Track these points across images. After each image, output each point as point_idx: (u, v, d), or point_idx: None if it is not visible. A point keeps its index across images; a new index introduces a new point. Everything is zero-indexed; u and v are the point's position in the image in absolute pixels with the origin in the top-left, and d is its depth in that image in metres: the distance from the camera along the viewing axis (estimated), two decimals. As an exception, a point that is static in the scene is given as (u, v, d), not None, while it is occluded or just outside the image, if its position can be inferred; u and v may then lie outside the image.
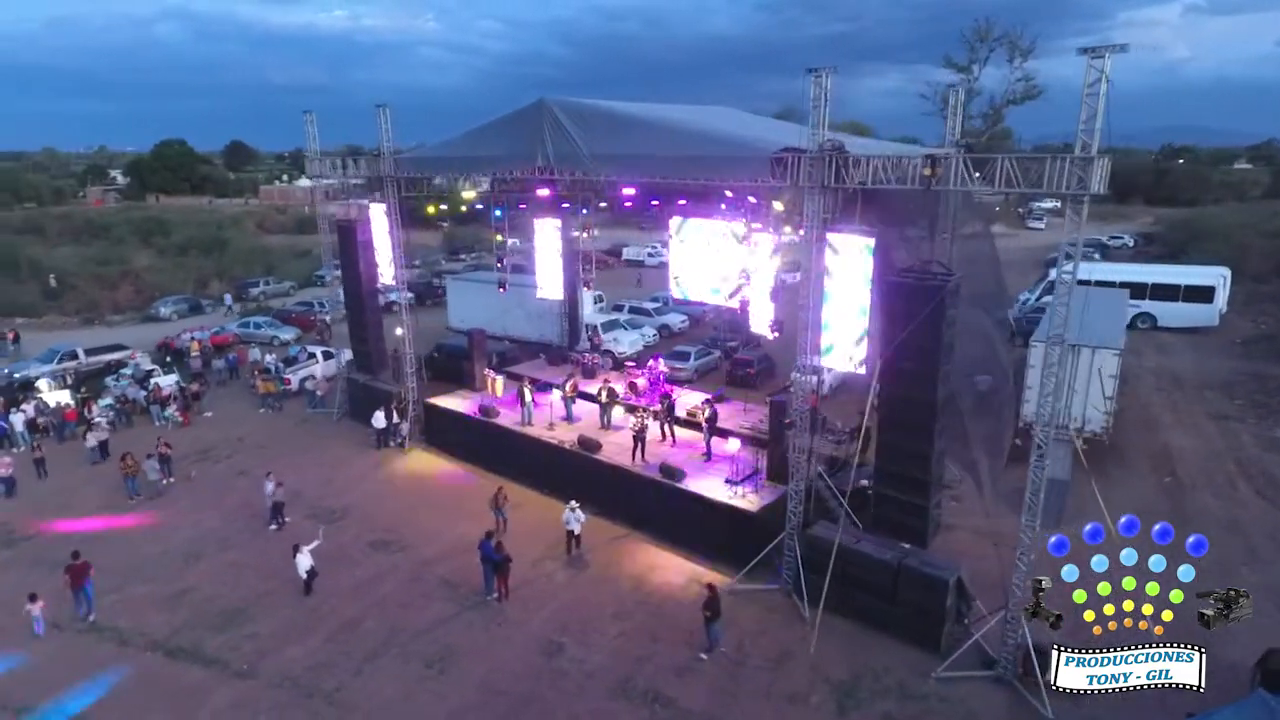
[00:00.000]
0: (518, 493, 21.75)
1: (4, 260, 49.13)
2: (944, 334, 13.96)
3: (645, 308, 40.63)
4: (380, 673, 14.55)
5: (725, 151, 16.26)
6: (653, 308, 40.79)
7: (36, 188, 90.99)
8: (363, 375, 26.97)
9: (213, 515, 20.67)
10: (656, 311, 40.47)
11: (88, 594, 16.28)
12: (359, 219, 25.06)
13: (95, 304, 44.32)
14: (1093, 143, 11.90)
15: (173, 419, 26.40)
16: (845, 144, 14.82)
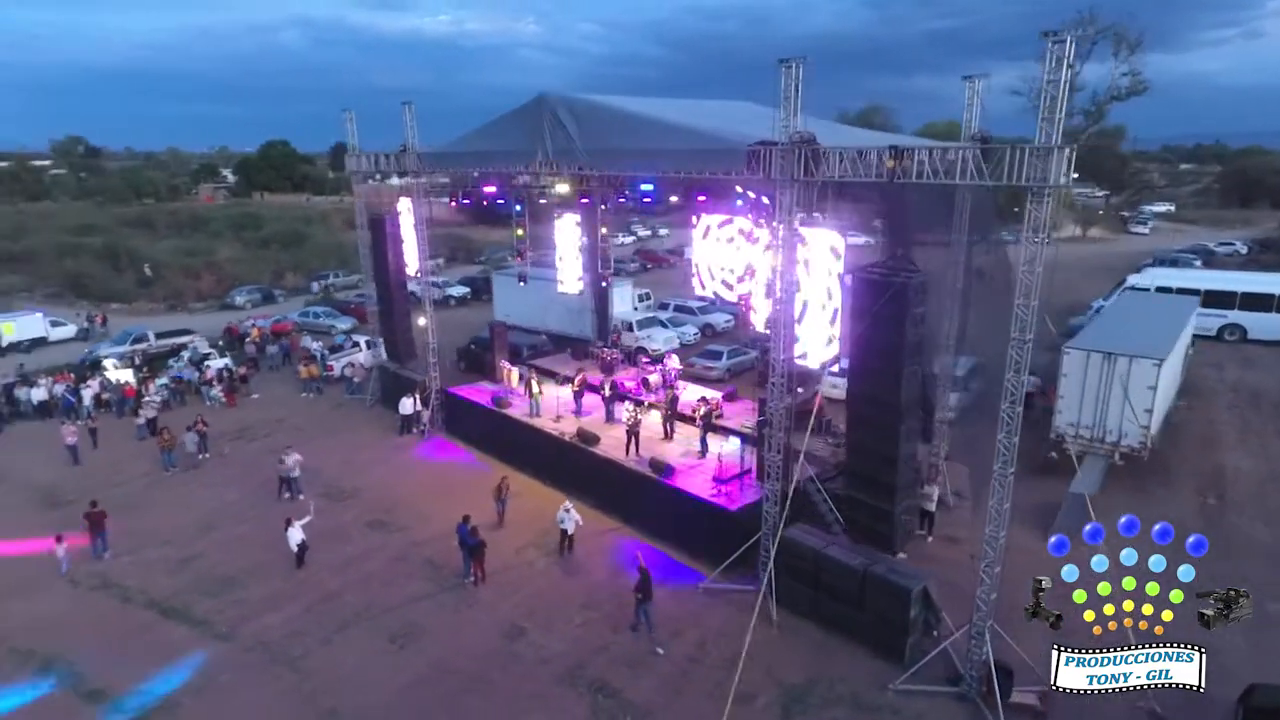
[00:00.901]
0: (522, 482, 22.21)
1: (109, 251, 53.42)
2: (908, 332, 13.48)
3: (690, 306, 40.49)
4: (346, 644, 15.18)
5: (708, 145, 16.14)
6: (697, 306, 40.61)
7: (155, 185, 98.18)
8: (393, 364, 28.03)
9: (236, 490, 21.92)
10: (701, 310, 40.29)
11: (104, 538, 18.20)
12: (388, 212, 26.07)
13: (180, 292, 47.60)
14: (1054, 132, 11.28)
15: (218, 399, 28.10)
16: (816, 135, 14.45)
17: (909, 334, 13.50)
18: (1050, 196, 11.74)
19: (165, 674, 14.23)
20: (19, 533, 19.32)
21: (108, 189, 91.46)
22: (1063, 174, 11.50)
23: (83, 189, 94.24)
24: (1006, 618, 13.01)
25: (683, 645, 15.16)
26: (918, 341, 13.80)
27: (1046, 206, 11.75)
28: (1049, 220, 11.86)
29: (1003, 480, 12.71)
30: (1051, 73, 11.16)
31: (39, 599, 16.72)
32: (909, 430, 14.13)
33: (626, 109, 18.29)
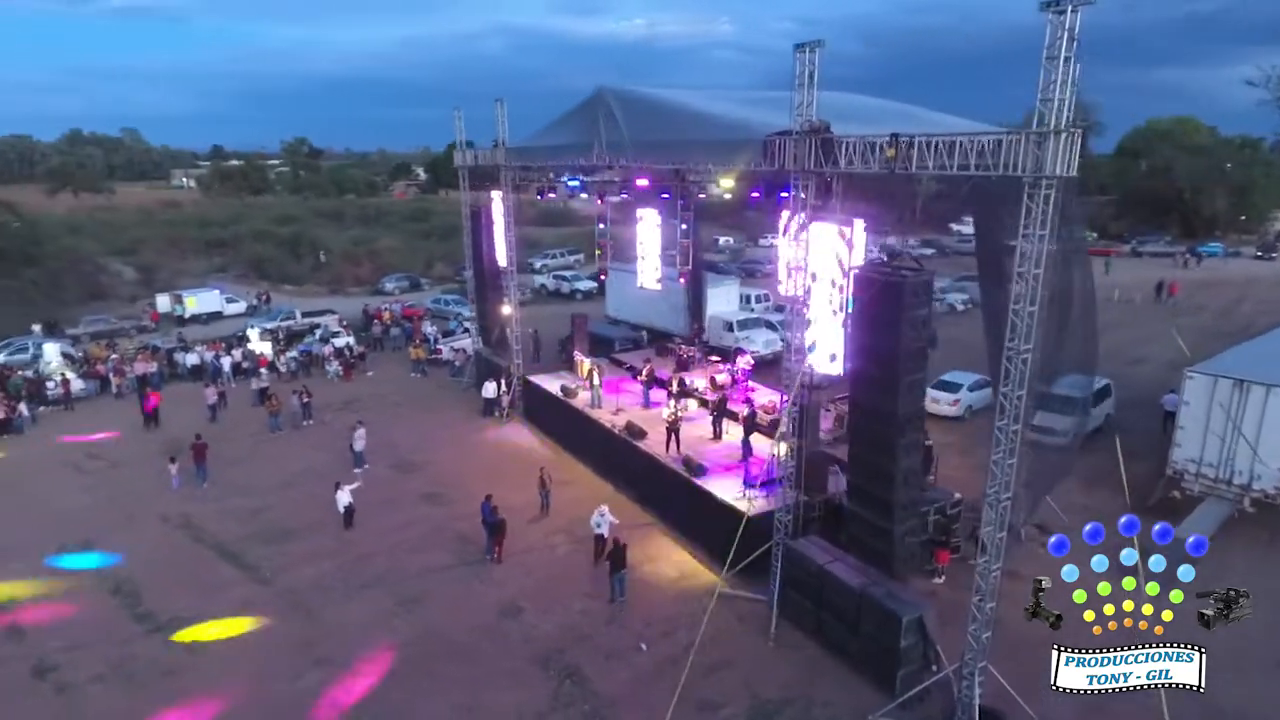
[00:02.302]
0: (576, 470, 22.71)
1: (293, 239, 59.98)
2: (904, 338, 12.42)
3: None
4: (361, 601, 16.26)
5: (734, 136, 15.70)
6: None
7: (355, 182, 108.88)
8: (486, 350, 29.45)
9: (324, 454, 23.93)
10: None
11: (204, 468, 21.65)
12: (483, 205, 27.42)
13: (341, 277, 52.52)
14: (1051, 116, 10.01)
15: (336, 373, 30.84)
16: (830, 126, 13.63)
17: (906, 338, 12.44)
18: (1054, 190, 10.41)
19: (203, 608, 15.91)
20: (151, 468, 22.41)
21: (316, 185, 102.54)
22: (1065, 163, 10.17)
23: (296, 185, 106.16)
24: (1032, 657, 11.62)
25: (669, 645, 14.91)
26: (920, 348, 12.68)
27: (1041, 200, 10.43)
28: (1053, 217, 10.53)
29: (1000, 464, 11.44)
30: (1052, 47, 9.90)
31: (136, 527, 19.25)
32: (909, 445, 13.00)
33: (669, 100, 18.15)
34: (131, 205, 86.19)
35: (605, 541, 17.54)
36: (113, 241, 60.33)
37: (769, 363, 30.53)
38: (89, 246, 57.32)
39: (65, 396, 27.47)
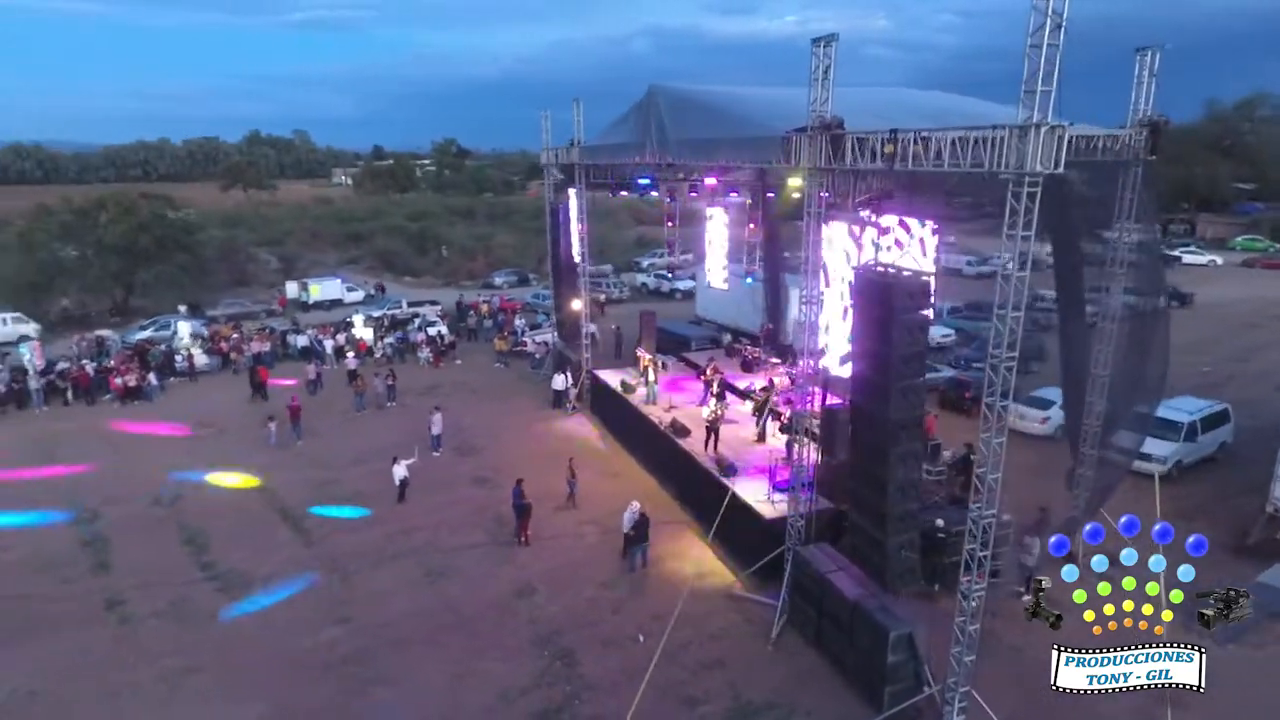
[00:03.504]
0: (626, 464, 23.15)
1: (420, 235, 63.85)
2: (896, 340, 11.96)
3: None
4: (393, 570, 17.38)
5: (761, 133, 15.57)
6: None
7: (492, 180, 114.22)
8: (562, 343, 30.36)
9: (399, 434, 25.40)
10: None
11: (299, 428, 24.62)
12: (560, 203, 28.30)
13: (456, 271, 55.38)
14: (1034, 107, 9.44)
15: (426, 360, 32.75)
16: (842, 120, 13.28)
17: (900, 342, 11.97)
18: (1035, 187, 9.79)
19: (259, 562, 17.54)
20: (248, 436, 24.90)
21: (457, 184, 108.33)
22: (1048, 160, 9.54)
23: (439, 183, 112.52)
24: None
25: (668, 640, 14.94)
26: (916, 353, 12.15)
27: (1025, 199, 9.81)
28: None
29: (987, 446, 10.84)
30: (1034, 34, 9.32)
31: (220, 489, 21.39)
32: (903, 454, 12.47)
33: (712, 97, 18.15)
34: (290, 200, 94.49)
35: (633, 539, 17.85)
36: (265, 233, 66.49)
37: None
38: (244, 237, 63.51)
39: (190, 369, 30.76)
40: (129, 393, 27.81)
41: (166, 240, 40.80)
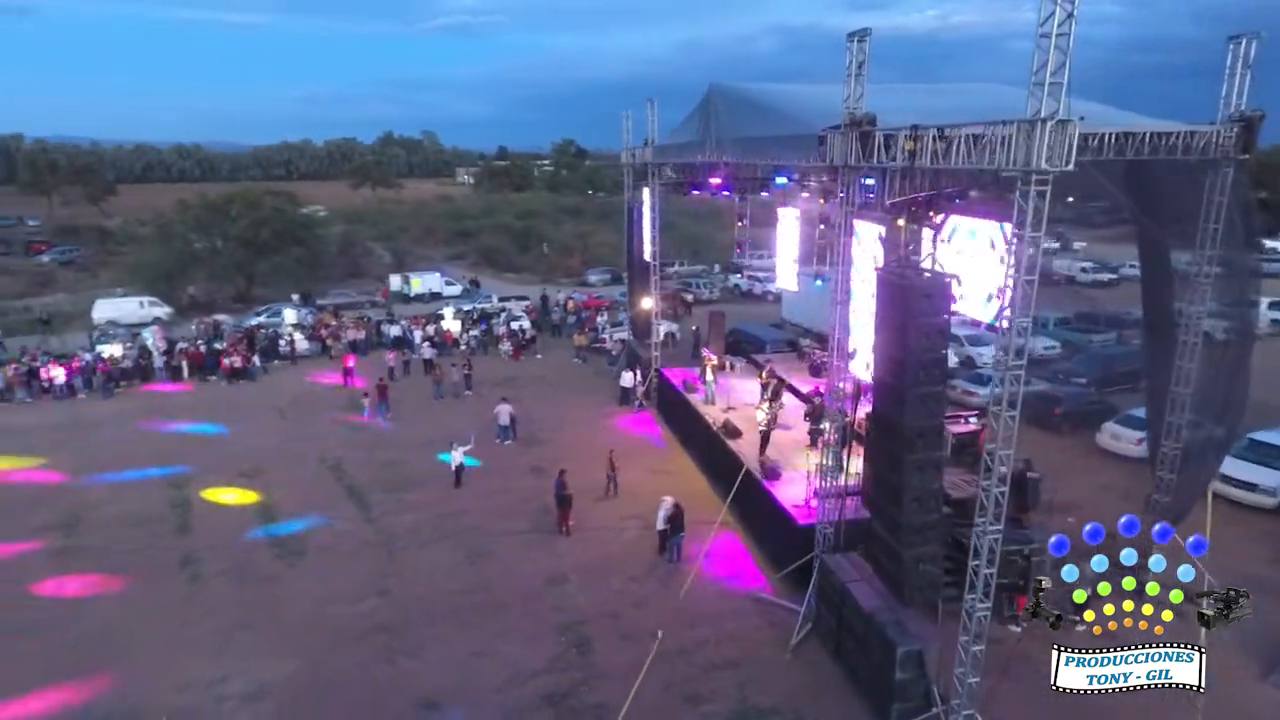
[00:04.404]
0: (682, 462, 23.26)
1: (524, 233, 65.94)
2: (913, 344, 11.53)
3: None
4: (437, 549, 18.22)
5: (800, 131, 15.34)
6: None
7: (605, 180, 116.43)
8: (635, 341, 30.72)
9: (470, 422, 26.43)
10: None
11: (386, 404, 26.86)
12: (635, 202, 28.63)
13: (553, 268, 56.85)
14: (1042, 100, 8.97)
15: (506, 353, 33.91)
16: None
17: (917, 346, 11.53)
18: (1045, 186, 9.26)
19: (319, 532, 18.81)
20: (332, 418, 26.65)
21: (572, 183, 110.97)
22: (1056, 157, 9.02)
23: (554, 183, 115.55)
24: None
25: (686, 637, 15.06)
26: (935, 358, 11.67)
27: (1033, 198, 9.30)
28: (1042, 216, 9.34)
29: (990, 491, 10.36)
30: (1046, 22, 8.84)
31: (299, 463, 22.99)
32: (920, 464, 11.99)
33: (769, 96, 17.95)
34: (412, 198, 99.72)
35: (666, 535, 18.04)
36: (383, 228, 70.48)
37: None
38: (364, 232, 67.61)
39: (292, 353, 33.15)
40: (235, 373, 30.29)
41: (284, 234, 44.11)
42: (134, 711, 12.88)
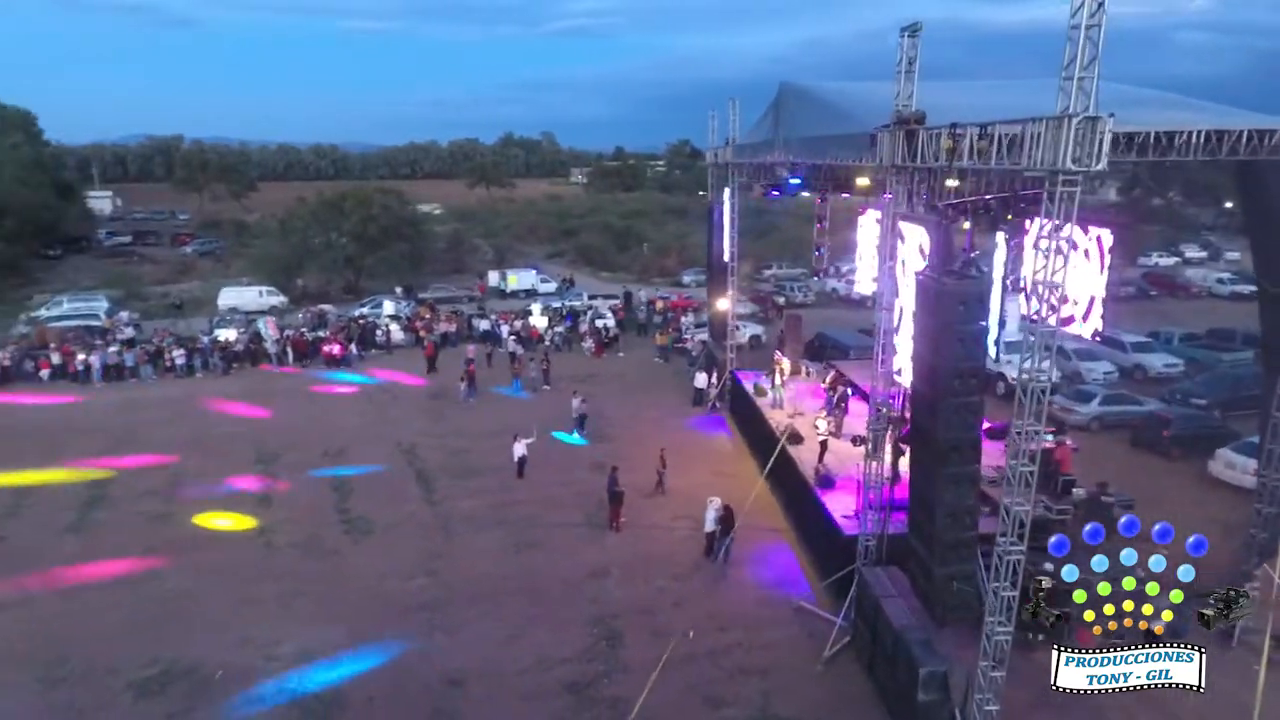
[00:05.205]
0: (745, 466, 23.04)
1: (624, 232, 66.73)
2: (946, 352, 11.01)
3: (1122, 340, 33.50)
4: (490, 536, 18.82)
5: (855, 130, 14.92)
6: (1131, 341, 33.34)
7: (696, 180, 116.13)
8: (713, 342, 30.59)
9: (544, 415, 27.07)
10: (1136, 346, 33.01)
11: (474, 389, 28.53)
12: (716, 202, 28.49)
13: (649, 267, 57.23)
14: (1072, 96, 8.44)
15: (588, 350, 34.49)
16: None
17: (949, 354, 11.01)
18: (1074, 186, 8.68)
19: (384, 513, 19.83)
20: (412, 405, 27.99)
21: (684, 184, 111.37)
22: (1084, 156, 8.44)
23: (666, 183, 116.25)
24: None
25: (717, 639, 14.98)
26: (971, 368, 11.10)
27: (1060, 199, 8.72)
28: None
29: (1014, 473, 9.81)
30: (1075, 12, 8.31)
31: (377, 447, 24.23)
32: (954, 478, 11.42)
33: (835, 94, 17.52)
34: (524, 197, 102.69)
35: (715, 537, 17.92)
36: (490, 225, 72.98)
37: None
38: (474, 230, 70.27)
39: (387, 343, 34.94)
40: (333, 360, 32.24)
41: (391, 230, 46.52)
42: (195, 663, 14.01)
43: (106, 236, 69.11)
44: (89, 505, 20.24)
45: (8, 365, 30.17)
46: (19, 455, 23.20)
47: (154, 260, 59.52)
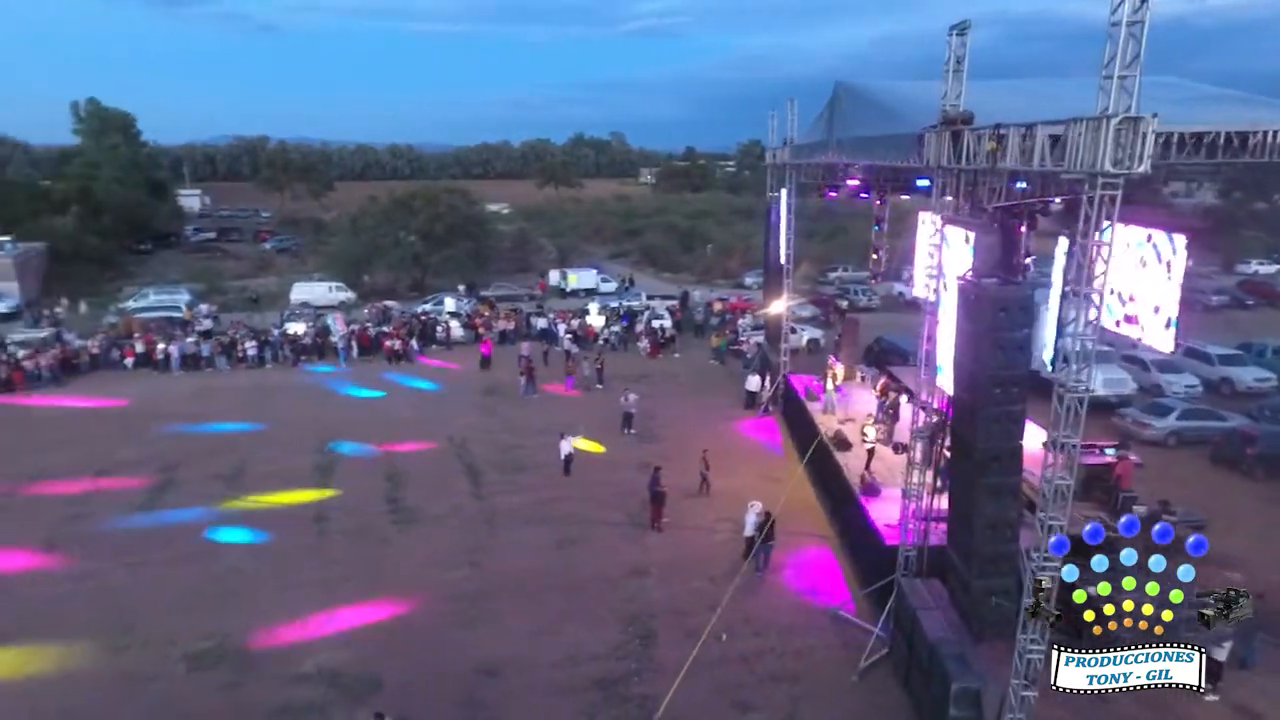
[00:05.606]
0: (792, 470, 22.75)
1: (691, 234, 66.64)
2: (986, 360, 10.67)
3: (1208, 352, 31.85)
4: (533, 531, 19.11)
5: (906, 130, 14.59)
6: (1218, 353, 31.64)
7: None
8: (768, 344, 30.29)
9: (599, 414, 27.28)
10: (1224, 359, 31.32)
11: (533, 385, 29.32)
12: (773, 203, 28.22)
13: (711, 268, 56.99)
14: (1111, 95, 8.12)
15: (643, 350, 34.63)
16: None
17: (990, 362, 10.67)
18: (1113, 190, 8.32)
19: (431, 504, 20.34)
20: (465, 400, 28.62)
21: (753, 184, 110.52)
22: (1125, 158, 8.09)
23: (735, 184, 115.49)
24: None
25: (751, 644, 14.89)
26: (1013, 377, 10.72)
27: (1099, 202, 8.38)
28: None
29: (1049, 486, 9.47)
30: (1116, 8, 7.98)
31: (428, 438, 24.85)
32: (993, 489, 11.06)
33: (887, 93, 17.16)
34: (591, 197, 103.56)
35: (754, 542, 17.74)
36: (558, 225, 73.85)
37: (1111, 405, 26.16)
38: (541, 229, 71.26)
39: (447, 339, 35.78)
40: (394, 354, 33.21)
41: (457, 229, 47.59)
42: (247, 639, 14.67)
43: (193, 233, 72.81)
44: (158, 491, 21.39)
45: (96, 353, 32.12)
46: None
47: (235, 256, 62.40)
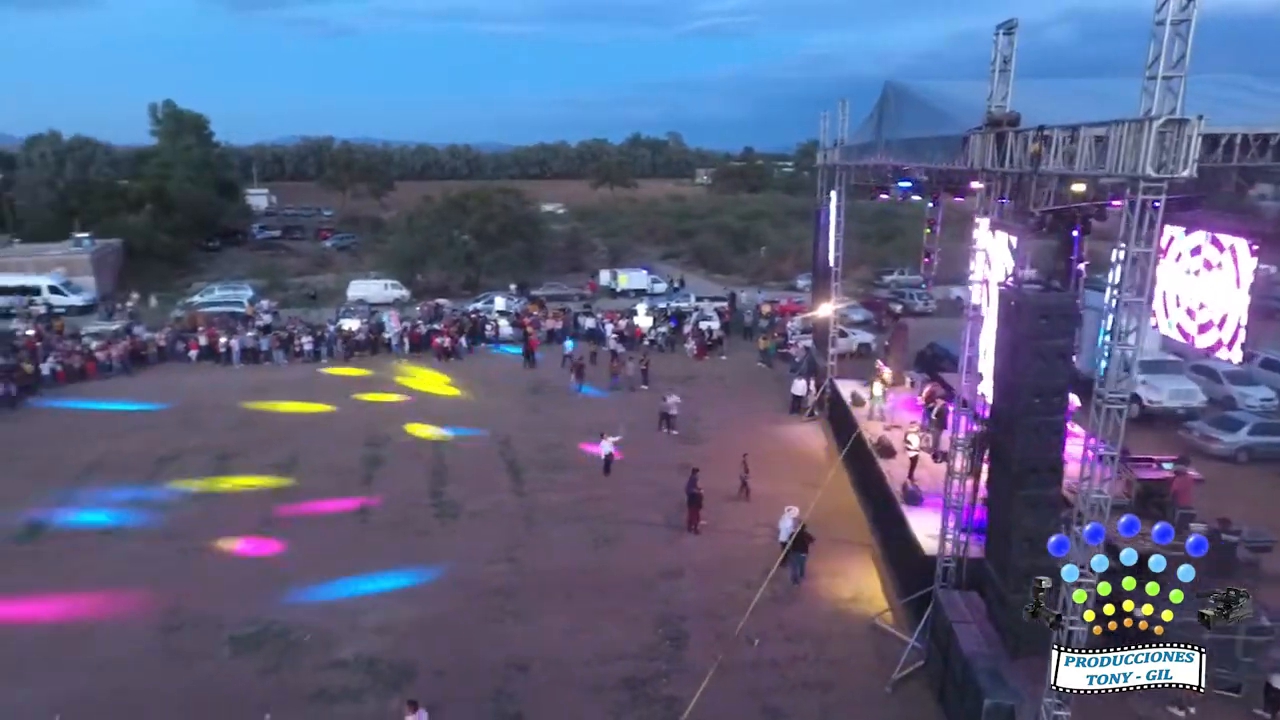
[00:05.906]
0: (836, 476, 22.46)
1: (744, 235, 66.20)
2: (1025, 368, 10.40)
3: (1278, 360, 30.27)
4: (570, 529, 19.27)
5: (952, 131, 14.28)
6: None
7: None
8: (815, 348, 29.92)
9: (640, 414, 27.30)
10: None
11: (582, 382, 29.86)
12: (822, 205, 27.88)
13: (763, 271, 56.51)
14: (1155, 96, 7.83)
15: (689, 351, 34.59)
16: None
17: (1029, 370, 10.38)
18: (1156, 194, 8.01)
19: (472, 499, 20.70)
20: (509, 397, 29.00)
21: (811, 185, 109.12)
22: (1170, 162, 7.78)
23: (791, 185, 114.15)
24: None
25: (784, 650, 14.78)
26: (1053, 385, 10.41)
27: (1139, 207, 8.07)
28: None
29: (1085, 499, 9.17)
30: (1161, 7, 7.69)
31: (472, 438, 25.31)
32: (1031, 501, 10.77)
33: (935, 93, 16.80)
34: (646, 197, 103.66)
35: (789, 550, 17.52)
36: (611, 225, 74.17)
37: (1178, 418, 25.17)
38: (595, 229, 71.71)
39: (495, 337, 36.31)
40: (443, 352, 33.87)
41: (509, 228, 48.27)
42: (288, 625, 15.17)
43: (259, 230, 75.40)
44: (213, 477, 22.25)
45: (162, 345, 33.57)
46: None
47: (297, 253, 64.40)
